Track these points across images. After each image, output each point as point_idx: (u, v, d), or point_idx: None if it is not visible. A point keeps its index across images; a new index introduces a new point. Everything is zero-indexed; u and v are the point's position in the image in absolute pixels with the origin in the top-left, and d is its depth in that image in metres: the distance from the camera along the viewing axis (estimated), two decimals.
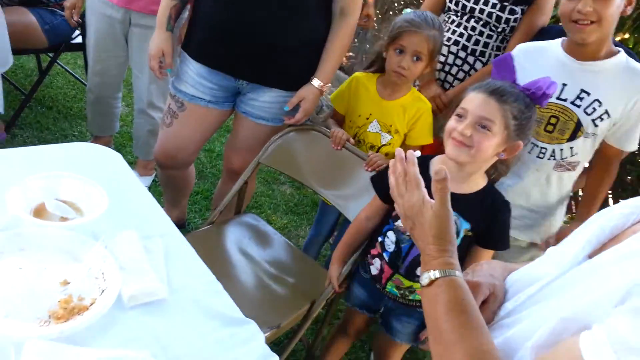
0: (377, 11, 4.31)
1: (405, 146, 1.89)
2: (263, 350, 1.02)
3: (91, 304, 0.95)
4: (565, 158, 1.66)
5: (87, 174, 1.21)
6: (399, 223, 1.47)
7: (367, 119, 1.86)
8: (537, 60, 1.64)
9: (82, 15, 2.37)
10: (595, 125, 1.60)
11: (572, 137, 1.63)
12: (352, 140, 1.82)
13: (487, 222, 1.39)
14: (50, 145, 1.36)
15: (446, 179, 0.80)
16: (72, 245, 1.06)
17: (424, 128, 1.86)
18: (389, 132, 1.86)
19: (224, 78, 1.77)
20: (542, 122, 1.63)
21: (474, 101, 1.31)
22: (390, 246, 1.48)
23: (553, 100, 1.60)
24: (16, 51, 2.41)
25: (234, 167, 1.97)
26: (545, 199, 1.76)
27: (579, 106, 1.60)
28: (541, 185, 1.74)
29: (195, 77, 1.78)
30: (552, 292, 0.75)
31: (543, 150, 1.66)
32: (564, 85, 1.60)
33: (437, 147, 1.94)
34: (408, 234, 1.32)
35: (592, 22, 1.48)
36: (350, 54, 4.68)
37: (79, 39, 2.72)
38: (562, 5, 1.53)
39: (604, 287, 0.64)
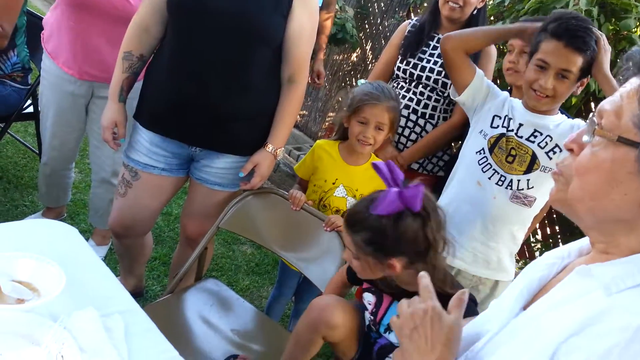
0: (327, 72, 4.50)
1: None
2: None
3: None
4: (522, 190, 1.74)
5: (43, 252, 1.19)
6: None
7: (334, 183, 1.92)
8: (498, 96, 1.80)
9: (35, 84, 2.36)
10: (550, 158, 1.71)
11: (529, 170, 1.73)
12: (309, 201, 1.86)
13: None
14: (4, 224, 1.33)
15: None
16: (30, 328, 1.03)
17: None
18: (354, 196, 1.92)
19: (177, 146, 1.80)
20: (504, 152, 1.74)
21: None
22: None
23: (512, 134, 1.73)
24: None
25: (191, 234, 1.96)
26: (496, 233, 1.79)
27: (533, 142, 1.72)
28: (495, 217, 1.77)
29: (148, 145, 1.80)
30: (494, 348, 0.80)
31: (502, 178, 1.73)
32: (520, 124, 1.73)
33: None
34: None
35: (547, 96, 1.64)
36: (304, 112, 4.82)
37: (30, 109, 2.70)
38: (528, 70, 1.67)
39: (536, 344, 0.71)
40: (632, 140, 0.69)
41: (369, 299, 1.48)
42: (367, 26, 4.47)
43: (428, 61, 2.12)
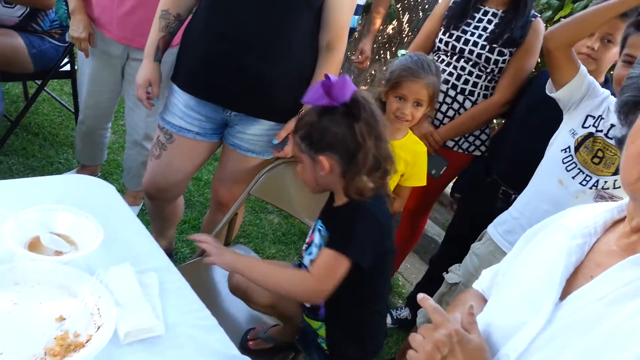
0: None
1: (399, 187, 1.93)
2: None
3: (87, 341, 0.94)
4: (607, 189, 1.64)
5: (81, 206, 1.21)
6: None
7: None
8: (598, 95, 1.66)
9: (72, 44, 2.37)
10: None
11: (618, 172, 1.63)
12: None
13: None
14: (44, 177, 1.35)
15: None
16: (67, 280, 1.04)
17: (420, 171, 1.91)
18: None
19: (212, 109, 1.79)
20: (590, 153, 1.63)
21: None
22: None
23: (600, 135, 1.61)
24: (3, 77, 2.41)
25: (222, 199, 1.97)
26: None
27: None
28: None
29: (183, 108, 1.79)
30: (553, 349, 0.74)
31: (587, 178, 1.63)
32: (612, 125, 1.60)
33: (425, 192, 1.97)
34: None
35: None
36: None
37: (67, 67, 2.73)
38: (617, 67, 1.59)
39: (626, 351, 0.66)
40: None
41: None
42: None
43: (472, 34, 2.04)
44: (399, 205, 1.98)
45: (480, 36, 2.03)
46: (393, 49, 4.38)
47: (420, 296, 0.81)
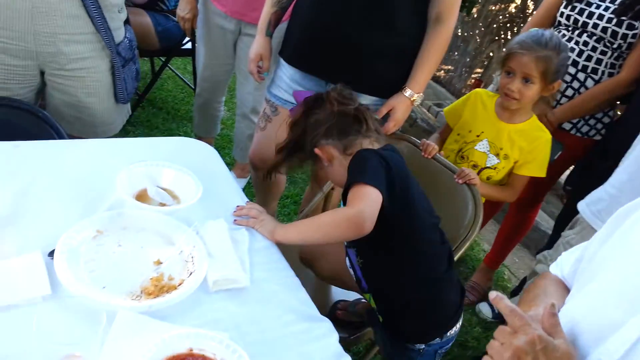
0: (480, 23, 4.21)
1: (512, 175, 1.83)
2: (336, 348, 1.02)
3: (179, 284, 1.01)
4: None
5: (186, 166, 1.29)
6: None
7: (478, 136, 1.82)
8: None
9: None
10: None
11: None
12: (442, 152, 1.79)
13: None
14: (156, 138, 1.47)
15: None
16: (167, 229, 1.13)
17: (539, 160, 1.78)
18: (497, 155, 1.80)
19: (315, 83, 1.81)
20: None
21: None
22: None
23: None
24: None
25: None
26: None
27: None
28: None
29: (289, 81, 1.84)
30: None
31: None
32: None
33: (536, 179, 1.83)
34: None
35: None
36: (450, 67, 4.60)
37: (189, 45, 2.92)
38: None
39: None
40: None
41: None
42: None
43: (598, 6, 1.86)
44: (508, 195, 1.87)
45: (607, 9, 1.84)
46: (515, 29, 4.11)
47: (493, 295, 0.72)
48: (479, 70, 4.33)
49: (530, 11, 4.01)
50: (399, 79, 1.75)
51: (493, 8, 4.28)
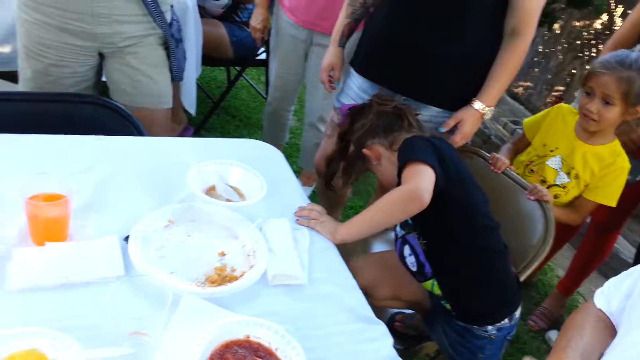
0: (563, 40, 4.06)
1: (580, 198, 1.76)
2: (390, 352, 1.03)
3: (241, 275, 1.05)
4: None
5: (253, 167, 1.35)
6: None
7: (552, 151, 1.77)
8: None
9: (268, 35, 2.64)
10: None
11: None
12: (512, 167, 1.74)
13: None
14: (227, 139, 1.54)
15: None
16: (232, 224, 1.18)
17: (611, 187, 1.71)
18: (568, 173, 1.74)
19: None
20: None
21: None
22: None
23: None
24: (208, 62, 2.77)
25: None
26: None
27: None
28: None
29: (357, 90, 1.86)
30: None
31: None
32: None
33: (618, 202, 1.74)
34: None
35: None
36: (529, 83, 4.46)
37: (263, 56, 3.03)
38: None
39: None
40: None
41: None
42: None
43: None
44: (573, 218, 1.80)
45: None
46: (600, 46, 3.94)
47: None
48: (560, 88, 4.17)
49: (617, 28, 3.83)
50: (466, 91, 1.72)
51: (577, 24, 4.12)
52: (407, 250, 1.41)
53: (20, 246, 0.99)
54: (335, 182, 1.66)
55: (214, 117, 3.14)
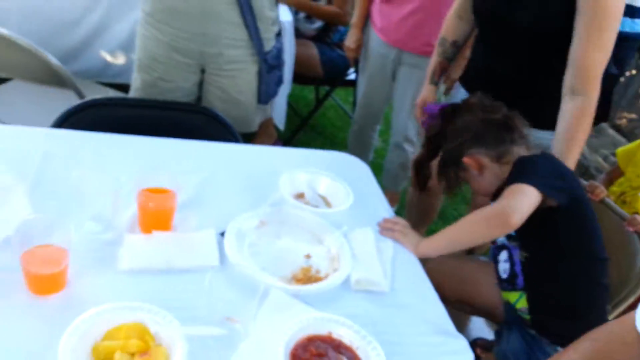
0: None
1: None
2: None
3: (325, 277, 1.10)
4: None
5: (340, 177, 1.40)
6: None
7: None
8: None
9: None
10: None
11: None
12: (610, 196, 1.67)
13: None
14: (317, 150, 1.61)
15: None
16: (319, 229, 1.23)
17: None
18: None
19: None
20: None
21: None
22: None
23: None
24: (298, 80, 2.89)
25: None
26: None
27: None
28: None
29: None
30: None
31: None
32: None
33: None
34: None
35: None
36: (633, 115, 4.21)
37: (353, 76, 3.11)
38: None
39: None
40: None
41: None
42: None
43: None
44: None
45: None
46: None
47: None
48: None
49: None
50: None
51: None
52: (503, 255, 1.39)
53: (130, 233, 1.10)
54: (432, 183, 1.61)
55: (301, 133, 3.25)
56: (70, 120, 1.48)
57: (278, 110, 2.64)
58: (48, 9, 2.31)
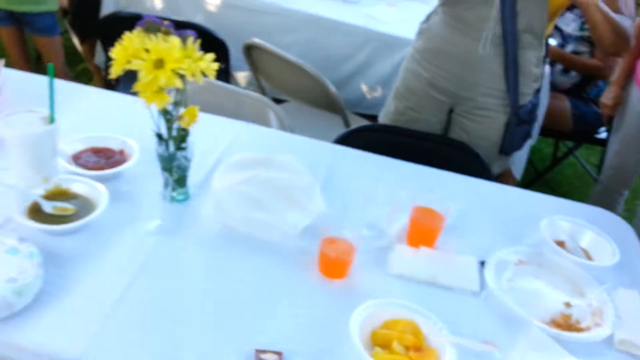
0: None
1: None
2: None
3: (586, 329, 1.07)
4: None
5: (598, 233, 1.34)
6: None
7: None
8: None
9: None
10: None
11: None
12: None
13: None
14: (579, 203, 1.56)
15: None
16: (580, 280, 1.20)
17: None
18: None
19: None
20: None
21: None
22: None
23: None
24: (544, 132, 2.82)
25: None
26: None
27: None
28: None
29: None
30: None
31: None
32: None
33: None
34: None
35: None
36: None
37: (602, 135, 2.91)
38: None
39: None
40: None
41: None
42: None
43: None
44: None
45: None
46: None
47: None
48: None
49: None
50: None
51: None
52: None
53: (398, 243, 1.22)
54: None
55: (533, 187, 3.13)
56: (349, 139, 1.70)
57: (519, 161, 2.60)
58: (328, 43, 2.66)
